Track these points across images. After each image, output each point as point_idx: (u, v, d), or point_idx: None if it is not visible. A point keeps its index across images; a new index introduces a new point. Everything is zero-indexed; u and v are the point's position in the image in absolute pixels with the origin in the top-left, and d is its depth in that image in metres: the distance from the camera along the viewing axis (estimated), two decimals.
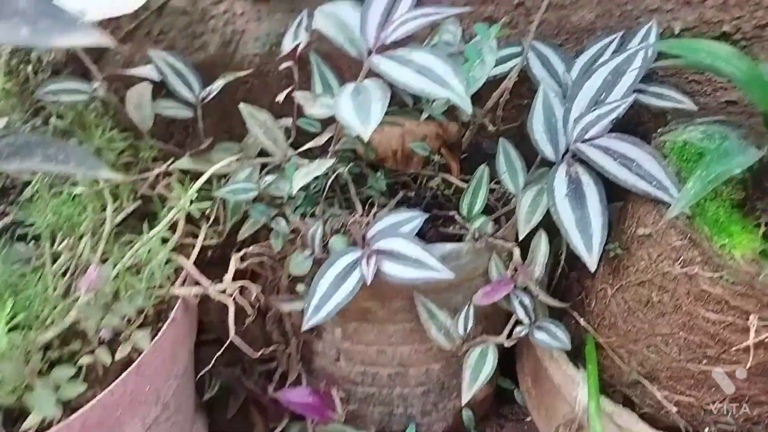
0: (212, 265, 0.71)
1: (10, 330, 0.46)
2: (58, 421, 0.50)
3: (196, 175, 0.66)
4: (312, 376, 0.78)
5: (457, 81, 0.57)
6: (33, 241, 0.62)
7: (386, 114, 0.57)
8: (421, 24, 0.62)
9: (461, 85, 0.57)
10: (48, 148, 0.50)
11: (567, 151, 0.66)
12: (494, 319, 0.74)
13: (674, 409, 0.62)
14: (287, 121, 0.76)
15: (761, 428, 0.64)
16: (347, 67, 0.78)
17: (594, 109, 0.64)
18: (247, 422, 0.86)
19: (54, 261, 0.60)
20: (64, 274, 0.60)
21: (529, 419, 0.85)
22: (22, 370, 0.48)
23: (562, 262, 0.76)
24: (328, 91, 0.71)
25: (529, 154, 0.72)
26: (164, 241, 0.62)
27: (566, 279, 0.78)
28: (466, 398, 0.62)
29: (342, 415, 0.72)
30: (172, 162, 0.72)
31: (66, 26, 0.36)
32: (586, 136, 0.63)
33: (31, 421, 0.50)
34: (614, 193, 0.63)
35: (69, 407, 0.53)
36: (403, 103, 0.77)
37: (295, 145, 0.74)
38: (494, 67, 0.67)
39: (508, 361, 0.84)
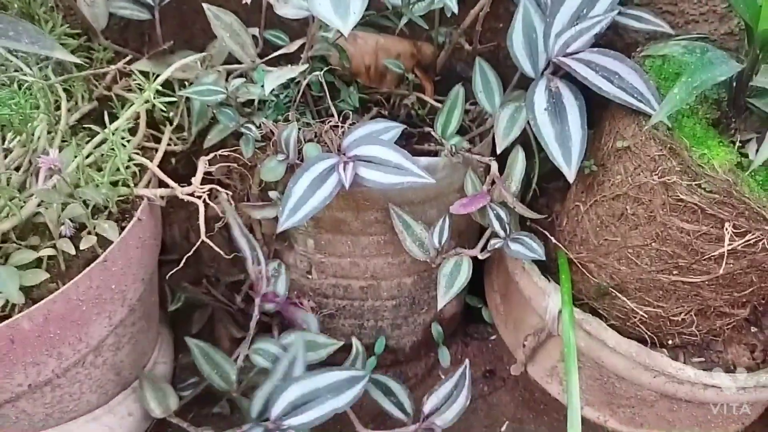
0: (178, 176, 0.67)
1: None
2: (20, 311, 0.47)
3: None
4: None
5: None
6: None
7: (360, 23, 0.54)
8: None
9: None
10: None
11: (547, 66, 0.65)
12: (467, 235, 0.74)
13: (641, 319, 0.64)
14: (254, 31, 0.72)
15: (720, 340, 0.67)
16: None
17: (576, 23, 0.64)
18: (212, 338, 0.84)
19: (5, 156, 0.56)
20: (17, 169, 0.56)
21: (494, 338, 0.87)
22: None
23: (533, 186, 0.76)
24: None
25: (503, 78, 0.72)
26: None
27: (536, 203, 0.79)
28: (441, 303, 0.62)
29: (315, 324, 0.71)
30: (130, 61, 0.67)
31: None
32: (568, 50, 0.62)
33: None
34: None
35: (31, 299, 0.50)
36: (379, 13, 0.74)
37: (261, 57, 0.70)
38: None
39: (477, 280, 0.84)
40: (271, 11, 0.66)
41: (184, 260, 0.61)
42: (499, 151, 0.64)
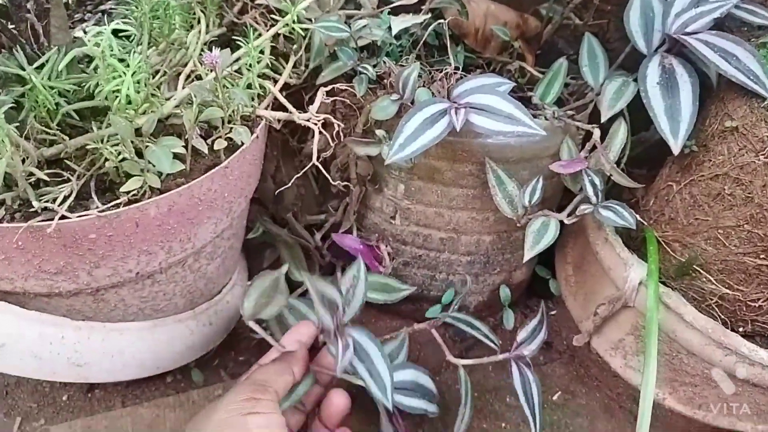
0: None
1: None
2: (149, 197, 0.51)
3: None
4: (363, 231, 0.79)
5: None
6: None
7: None
8: None
9: None
10: None
11: (662, 44, 0.66)
12: (552, 202, 0.76)
13: (717, 302, 0.65)
14: None
15: None
16: None
17: (697, 6, 0.65)
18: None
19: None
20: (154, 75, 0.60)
21: (553, 312, 0.89)
22: (130, 130, 0.48)
23: (622, 166, 0.77)
24: None
25: None
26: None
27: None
28: (527, 256, 0.64)
29: (389, 268, 0.74)
30: None
31: None
32: (687, 30, 0.64)
33: (129, 186, 0.51)
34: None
35: (158, 190, 0.54)
36: None
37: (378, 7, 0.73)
38: None
39: (547, 254, 0.86)
40: None
41: (292, 181, 0.64)
42: (604, 119, 0.66)
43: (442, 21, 0.68)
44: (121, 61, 0.47)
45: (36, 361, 0.59)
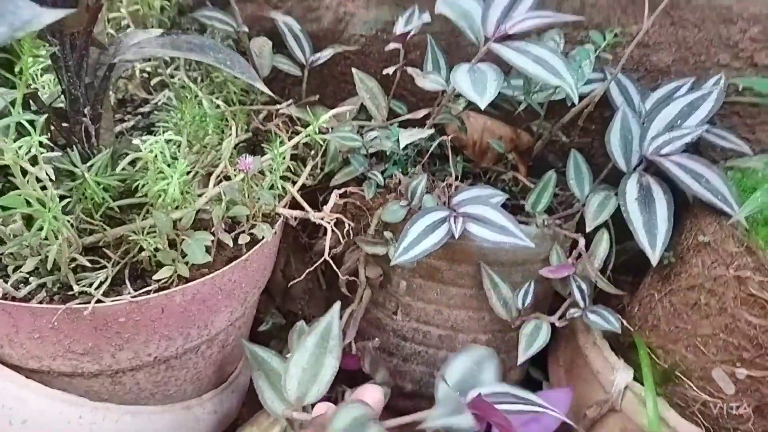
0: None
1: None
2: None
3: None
4: (365, 324, 0.83)
5: (568, 73, 0.65)
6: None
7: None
8: (537, 24, 0.70)
9: (572, 77, 0.65)
10: (219, 52, 0.58)
11: (639, 163, 0.74)
12: (544, 305, 0.81)
13: (700, 409, 0.68)
14: None
15: None
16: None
17: (671, 130, 0.73)
18: None
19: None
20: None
21: None
22: (170, 224, 0.54)
23: (608, 273, 0.83)
24: (437, 69, 0.79)
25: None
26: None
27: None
28: (521, 359, 0.68)
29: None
30: (280, 107, 0.80)
31: None
32: (661, 152, 0.72)
33: (161, 275, 0.56)
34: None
35: (184, 279, 0.59)
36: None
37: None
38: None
39: (539, 356, 0.90)
40: (398, 86, 0.79)
41: (303, 275, 0.69)
42: (588, 230, 0.73)
43: (445, 137, 0.76)
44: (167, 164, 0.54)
45: None
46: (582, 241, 0.73)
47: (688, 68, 0.85)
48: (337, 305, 0.54)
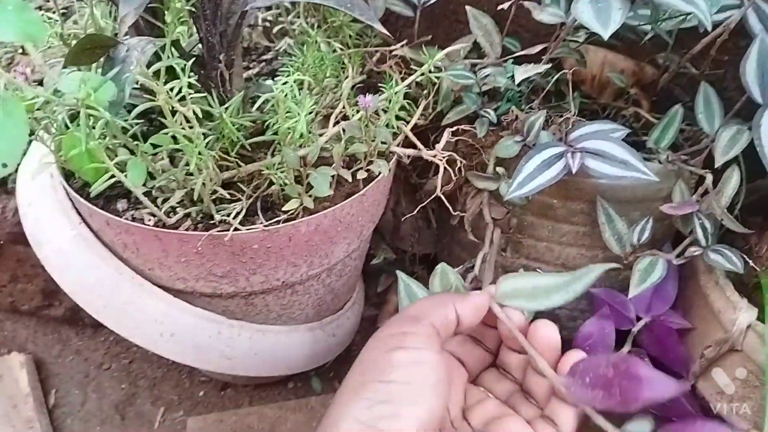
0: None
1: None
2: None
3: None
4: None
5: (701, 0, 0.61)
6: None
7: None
8: None
9: (705, 2, 0.61)
10: None
11: None
12: (660, 245, 0.78)
13: None
14: None
15: None
16: None
17: None
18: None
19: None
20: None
21: None
22: (297, 160, 0.58)
23: (736, 213, 0.79)
24: (555, 1, 0.76)
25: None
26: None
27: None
28: (632, 293, 0.68)
29: None
30: (394, 48, 0.81)
31: None
32: None
33: (289, 206, 0.61)
34: None
35: (307, 211, 0.64)
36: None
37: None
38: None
39: None
40: (512, 23, 0.77)
41: (416, 211, 0.71)
42: (717, 165, 0.69)
43: (565, 71, 0.74)
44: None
45: (196, 351, 0.70)
46: (709, 178, 0.70)
47: None
48: None
